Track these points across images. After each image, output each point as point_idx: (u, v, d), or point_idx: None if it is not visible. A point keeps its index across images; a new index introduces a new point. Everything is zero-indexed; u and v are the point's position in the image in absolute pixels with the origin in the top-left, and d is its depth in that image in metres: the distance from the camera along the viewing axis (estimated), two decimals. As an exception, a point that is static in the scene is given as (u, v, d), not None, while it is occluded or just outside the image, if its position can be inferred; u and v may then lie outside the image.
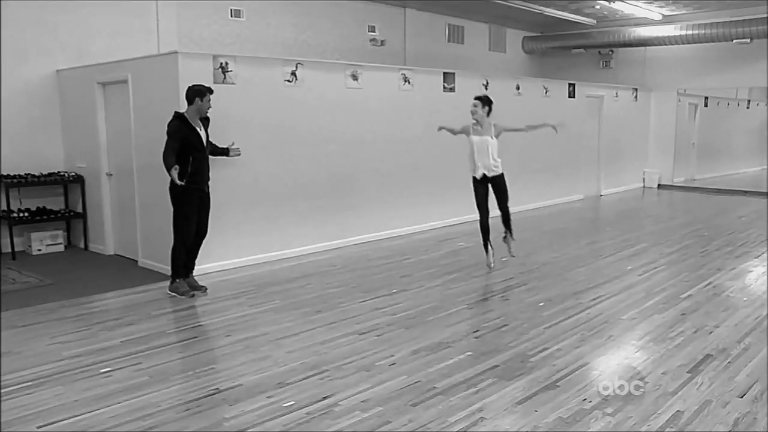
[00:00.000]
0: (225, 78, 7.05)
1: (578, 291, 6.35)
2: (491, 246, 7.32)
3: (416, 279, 6.85)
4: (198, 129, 6.04)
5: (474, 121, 7.12)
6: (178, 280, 6.24)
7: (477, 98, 7.08)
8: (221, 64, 7.02)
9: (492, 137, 7.08)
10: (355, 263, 7.58)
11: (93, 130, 8.07)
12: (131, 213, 7.63)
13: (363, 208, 8.71)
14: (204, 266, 6.99)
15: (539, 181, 11.83)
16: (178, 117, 5.97)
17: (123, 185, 7.82)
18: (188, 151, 5.93)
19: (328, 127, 8.17)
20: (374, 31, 12.57)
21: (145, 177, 7.36)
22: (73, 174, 8.41)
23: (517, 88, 11.21)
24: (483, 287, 6.50)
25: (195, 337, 5.08)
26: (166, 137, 5.85)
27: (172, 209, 6.11)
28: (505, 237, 7.48)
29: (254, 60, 7.55)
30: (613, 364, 4.52)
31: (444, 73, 9.83)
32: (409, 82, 9.18)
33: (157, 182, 7.19)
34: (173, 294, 6.19)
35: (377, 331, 5.20)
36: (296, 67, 7.73)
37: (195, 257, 6.38)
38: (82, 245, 8.53)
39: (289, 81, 7.62)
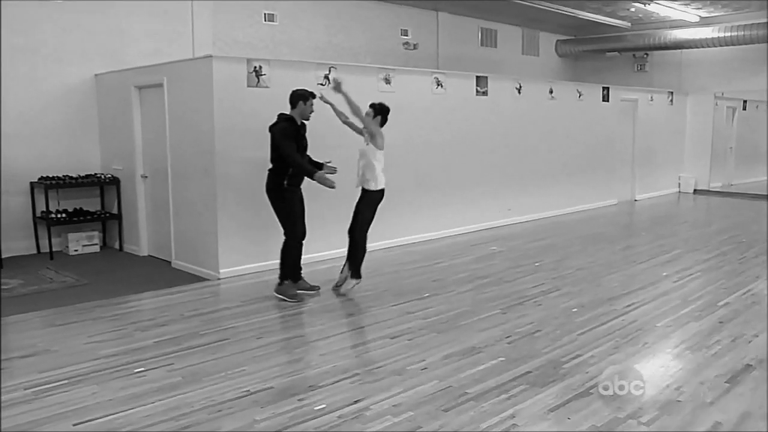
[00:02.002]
0: (258, 82, 7.09)
1: (612, 297, 6.26)
2: (345, 266, 6.46)
3: (448, 283, 6.82)
4: (303, 132, 6.11)
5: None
6: (286, 282, 6.19)
7: (371, 105, 6.30)
8: (255, 67, 7.07)
9: (367, 144, 6.26)
10: (386, 267, 7.57)
11: (129, 132, 8.19)
12: (165, 215, 7.72)
13: (393, 212, 8.67)
14: (234, 269, 7.06)
15: (572, 185, 11.71)
16: (288, 119, 6.00)
17: (158, 187, 7.92)
18: None
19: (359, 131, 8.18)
20: (407, 35, 12.57)
21: (180, 179, 7.45)
22: (110, 176, 8.54)
23: (551, 91, 11.11)
24: (515, 292, 6.44)
25: (227, 339, 5.11)
26: (280, 140, 5.85)
27: (275, 211, 6.10)
28: (339, 284, 6.42)
29: (288, 63, 7.60)
30: (648, 372, 4.44)
31: (477, 76, 9.78)
32: (441, 86, 9.15)
33: (191, 184, 7.29)
34: (281, 297, 6.12)
35: (408, 335, 5.18)
36: (329, 70, 7.75)
37: (300, 260, 6.37)
38: (117, 246, 8.65)
39: (322, 84, 7.62)
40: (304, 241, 6.21)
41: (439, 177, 9.27)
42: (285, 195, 6.01)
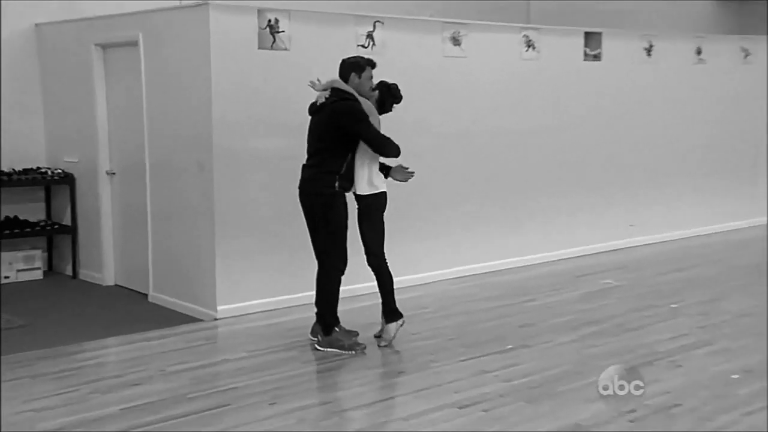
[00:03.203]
0: (274, 41, 7.19)
1: (795, 359, 6.12)
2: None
3: (542, 330, 6.83)
4: None
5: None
6: (337, 329, 6.29)
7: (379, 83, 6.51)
8: (269, 21, 7.17)
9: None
10: (454, 306, 7.63)
11: (88, 110, 8.35)
12: (141, 228, 7.84)
13: (465, 228, 8.74)
14: (237, 305, 7.16)
15: (731, 192, 11.48)
16: (352, 97, 6.11)
17: (130, 189, 8.07)
18: (350, 144, 6.14)
19: (418, 113, 8.11)
20: (484, -26, 12.59)
21: (162, 178, 7.58)
22: (60, 171, 8.69)
23: (699, 52, 10.93)
24: (642, 346, 6.40)
25: (227, 405, 5.20)
26: (359, 126, 6.02)
27: (313, 225, 6.24)
28: (379, 334, 6.55)
29: (315, 16, 7.66)
30: None
31: (586, 33, 9.74)
32: (533, 48, 9.15)
33: (179, 185, 7.39)
34: (332, 350, 6.21)
35: (485, 404, 5.21)
36: (374, 26, 7.83)
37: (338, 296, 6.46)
38: (69, 271, 8.84)
39: (364, 46, 7.70)
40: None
41: (527, 180, 9.28)
42: (334, 202, 6.13)
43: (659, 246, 10.49)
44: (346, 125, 6.05)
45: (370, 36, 7.80)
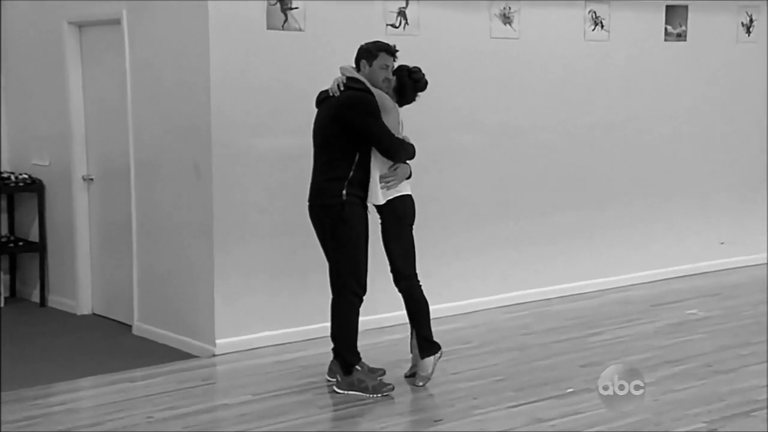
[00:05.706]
0: (286, 20, 7.23)
1: None
2: (413, 339, 6.60)
3: (611, 371, 6.87)
4: None
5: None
6: (359, 367, 6.32)
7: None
8: (280, -5, 7.26)
9: None
10: (505, 339, 7.66)
11: (61, 103, 8.44)
12: (124, 245, 7.93)
13: (517, 245, 8.76)
14: (240, 338, 7.22)
15: None
16: (364, 89, 6.18)
17: (111, 198, 8.17)
18: (358, 143, 6.16)
19: (459, 106, 8.26)
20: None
21: (150, 184, 7.66)
22: (25, 177, 8.80)
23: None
24: (735, 392, 6.35)
25: (226, 460, 5.28)
26: (367, 123, 6.09)
27: (324, 243, 6.30)
28: (410, 373, 6.66)
29: (335, -11, 7.69)
30: None
31: (667, 6, 9.67)
32: (602, 26, 9.13)
33: (171, 193, 7.46)
34: (354, 392, 6.24)
35: (541, 460, 5.26)
36: (406, 2, 7.85)
37: (357, 328, 6.47)
38: (35, 298, 8.96)
39: (394, 26, 7.75)
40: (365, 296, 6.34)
41: (592, 186, 9.31)
42: (343, 215, 6.15)
43: (758, 269, 10.43)
44: (350, 119, 6.09)
45: (401, 13, 7.81)
